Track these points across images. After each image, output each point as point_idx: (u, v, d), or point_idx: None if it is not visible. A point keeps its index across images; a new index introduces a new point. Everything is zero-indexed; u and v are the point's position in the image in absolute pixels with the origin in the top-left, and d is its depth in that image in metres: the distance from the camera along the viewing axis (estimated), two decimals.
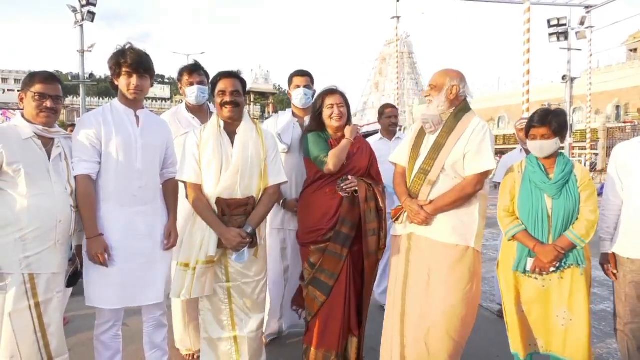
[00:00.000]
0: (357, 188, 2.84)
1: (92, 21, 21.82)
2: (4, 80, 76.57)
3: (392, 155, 3.02)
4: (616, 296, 2.74)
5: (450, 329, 2.61)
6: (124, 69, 2.54)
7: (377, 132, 4.67)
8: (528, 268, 2.64)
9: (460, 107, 2.75)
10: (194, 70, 3.38)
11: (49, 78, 2.40)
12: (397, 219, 2.81)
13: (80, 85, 23.00)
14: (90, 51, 22.86)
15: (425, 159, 2.72)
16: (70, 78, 24.84)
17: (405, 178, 2.83)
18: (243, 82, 2.76)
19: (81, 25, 21.83)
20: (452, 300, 2.62)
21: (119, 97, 2.64)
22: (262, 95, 63.98)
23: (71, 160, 2.49)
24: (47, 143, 2.43)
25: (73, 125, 3.46)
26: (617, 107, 41.96)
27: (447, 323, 2.61)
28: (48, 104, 2.37)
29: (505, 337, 2.82)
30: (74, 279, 2.57)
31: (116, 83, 2.60)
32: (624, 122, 36.22)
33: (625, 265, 2.64)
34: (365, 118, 57.59)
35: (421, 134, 2.83)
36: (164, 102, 60.88)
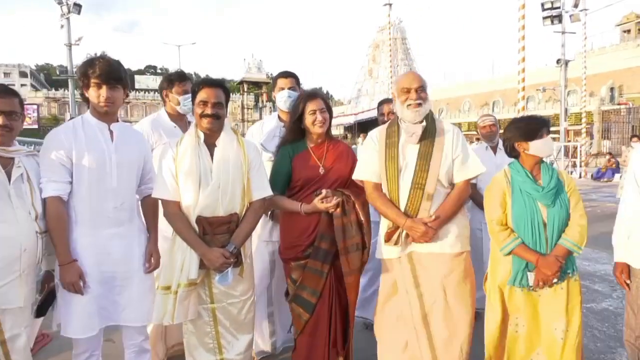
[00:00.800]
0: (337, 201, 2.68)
1: (79, 13, 21.49)
2: None
3: (357, 173, 2.73)
4: (628, 307, 2.58)
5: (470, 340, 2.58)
6: (92, 80, 2.33)
7: (376, 119, 4.34)
8: (530, 283, 2.51)
9: (430, 111, 2.65)
10: (184, 77, 3.25)
11: (1, 92, 2.18)
12: (395, 242, 2.57)
13: (69, 79, 22.69)
14: (78, 44, 22.51)
15: (417, 172, 2.53)
16: (58, 72, 24.55)
17: (384, 195, 2.62)
18: (227, 92, 2.57)
19: (67, 18, 21.45)
20: (471, 310, 2.57)
21: (90, 110, 2.43)
22: (255, 85, 63.56)
23: (37, 180, 2.28)
24: (7, 164, 2.21)
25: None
26: (612, 89, 41.89)
27: (470, 335, 2.55)
28: (0, 120, 2.15)
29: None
30: (44, 308, 2.38)
31: (87, 95, 2.39)
32: (619, 104, 36.17)
33: (638, 276, 2.48)
34: (360, 105, 57.23)
35: (391, 145, 2.61)
36: (156, 93, 60.33)
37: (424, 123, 2.57)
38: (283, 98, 3.26)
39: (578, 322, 2.52)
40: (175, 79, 3.26)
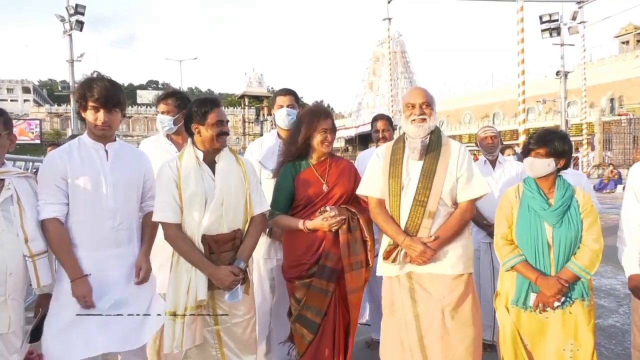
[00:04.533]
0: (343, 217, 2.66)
1: (81, 30, 21.60)
2: None
3: (360, 188, 2.73)
4: (634, 329, 2.52)
5: None
6: (90, 103, 2.31)
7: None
8: (530, 304, 2.45)
9: (437, 128, 2.63)
10: (166, 96, 3.13)
11: None
12: (393, 260, 2.53)
13: (71, 95, 22.75)
14: (80, 61, 22.63)
15: (419, 189, 2.50)
16: (60, 88, 24.69)
17: (386, 211, 2.60)
18: None
19: (70, 35, 21.60)
20: (471, 335, 2.47)
21: (87, 130, 2.42)
22: (256, 99, 63.98)
23: (28, 202, 2.24)
24: None
25: (73, 137, 3.18)
26: (612, 99, 41.98)
27: (472, 358, 2.47)
28: None
29: None
30: (38, 332, 2.33)
31: (83, 115, 2.38)
32: (619, 115, 36.15)
33: None
34: (361, 118, 57.38)
35: (395, 162, 2.60)
36: None
37: (426, 139, 2.55)
38: (282, 116, 3.24)
39: (590, 348, 2.41)
40: (160, 98, 3.15)
